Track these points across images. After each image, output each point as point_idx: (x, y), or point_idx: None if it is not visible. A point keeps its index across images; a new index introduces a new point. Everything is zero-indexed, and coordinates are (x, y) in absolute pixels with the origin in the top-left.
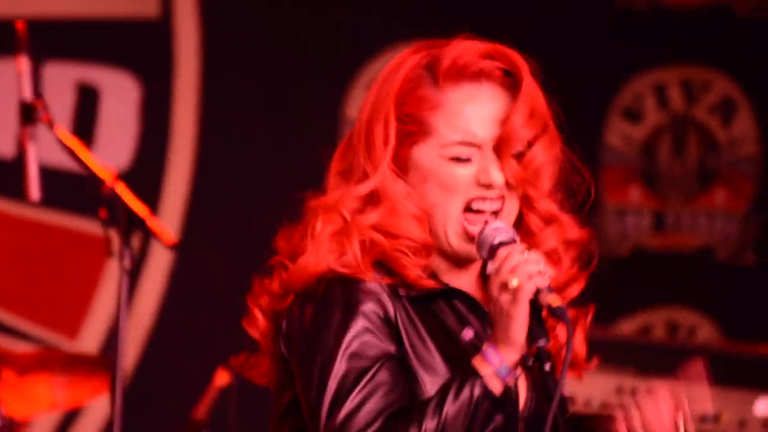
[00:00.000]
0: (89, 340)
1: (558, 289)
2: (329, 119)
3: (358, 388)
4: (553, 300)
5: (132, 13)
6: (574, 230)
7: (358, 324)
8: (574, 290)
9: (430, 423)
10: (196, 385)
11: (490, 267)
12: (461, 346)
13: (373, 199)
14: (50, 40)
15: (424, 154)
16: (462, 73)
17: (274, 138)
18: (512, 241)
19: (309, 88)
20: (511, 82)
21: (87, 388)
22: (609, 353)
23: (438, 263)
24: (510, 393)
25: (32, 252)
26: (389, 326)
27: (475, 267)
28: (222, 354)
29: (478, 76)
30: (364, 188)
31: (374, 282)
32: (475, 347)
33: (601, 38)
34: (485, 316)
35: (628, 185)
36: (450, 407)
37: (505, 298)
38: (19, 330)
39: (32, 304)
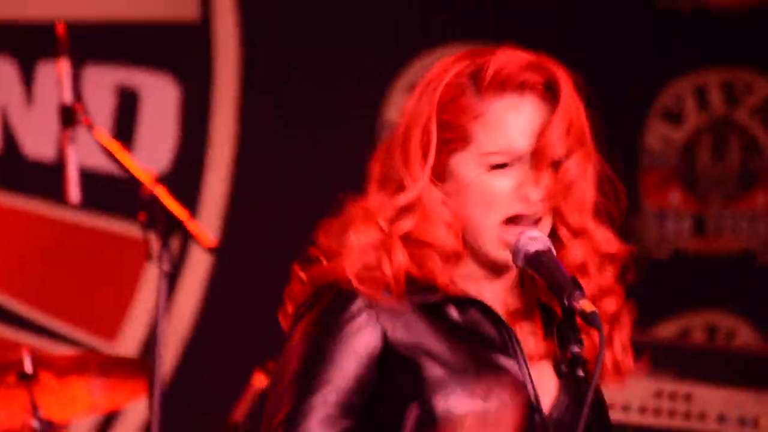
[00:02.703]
0: (128, 343)
1: (590, 300)
2: (368, 122)
3: (318, 411)
4: (586, 305)
5: (171, 16)
6: (609, 244)
7: (341, 354)
8: (610, 304)
9: None
10: (233, 388)
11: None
12: (478, 348)
13: (409, 207)
14: (90, 44)
15: (462, 163)
16: (505, 84)
17: (313, 140)
18: (548, 250)
19: (348, 91)
20: (551, 95)
21: (125, 391)
22: (647, 357)
23: (473, 270)
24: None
25: (71, 255)
26: (373, 361)
27: (511, 275)
28: (260, 357)
29: (521, 87)
30: (403, 199)
31: (387, 301)
32: None
33: (641, 39)
34: (501, 324)
35: (668, 188)
36: None
37: None
38: (58, 332)
39: (71, 307)
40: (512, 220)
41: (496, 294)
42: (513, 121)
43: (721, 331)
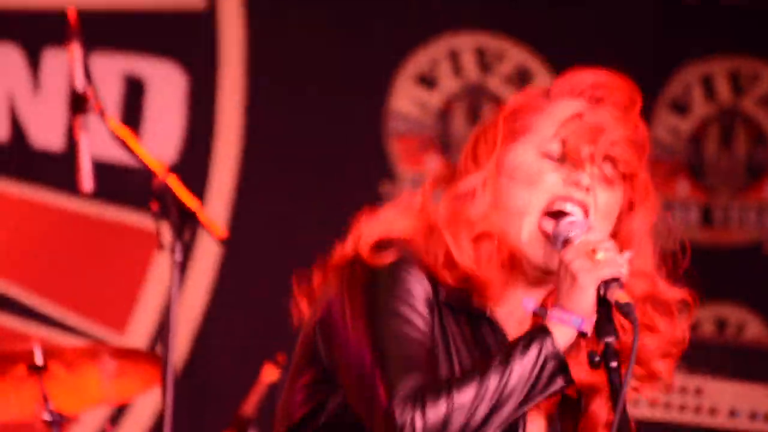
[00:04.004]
0: (137, 334)
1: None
2: (374, 110)
3: (413, 349)
4: (621, 296)
5: (177, 4)
6: (672, 292)
7: (411, 298)
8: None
9: (492, 379)
10: (244, 381)
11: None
12: (479, 357)
13: (473, 196)
14: (96, 32)
15: (521, 149)
16: (573, 91)
17: (319, 129)
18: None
19: (354, 79)
20: (618, 110)
21: (135, 383)
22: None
23: (513, 288)
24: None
25: (78, 245)
26: (431, 312)
27: (545, 289)
28: (270, 350)
29: (589, 97)
30: (468, 183)
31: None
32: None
33: (648, 29)
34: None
35: (675, 178)
36: (516, 364)
37: (580, 265)
38: (68, 324)
39: (79, 298)
40: (555, 209)
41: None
42: (575, 117)
43: (730, 323)
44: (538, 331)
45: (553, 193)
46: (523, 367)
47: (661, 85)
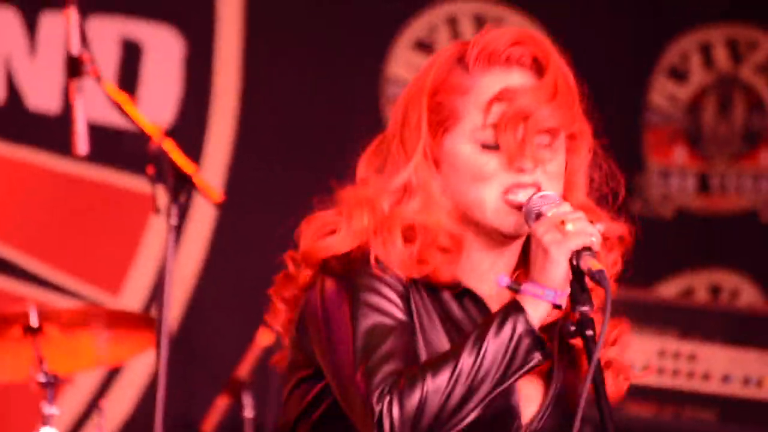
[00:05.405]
0: (131, 297)
1: None
2: (371, 77)
3: (389, 339)
4: (594, 264)
5: None
6: (613, 228)
7: (383, 290)
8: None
9: (466, 360)
10: (238, 344)
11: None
12: (465, 331)
13: (407, 192)
14: None
15: (456, 141)
16: (491, 59)
17: (316, 95)
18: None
19: (352, 46)
20: (539, 69)
21: (130, 346)
22: (651, 315)
23: (472, 262)
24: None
25: (73, 208)
26: (406, 301)
27: (514, 252)
28: (264, 312)
29: (508, 61)
30: (399, 180)
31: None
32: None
33: None
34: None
35: (673, 146)
36: (490, 343)
37: (551, 238)
38: (62, 286)
39: (76, 260)
40: (515, 187)
41: (494, 273)
42: (499, 98)
43: (724, 289)
44: (512, 308)
45: (504, 186)
46: (497, 346)
47: (660, 53)
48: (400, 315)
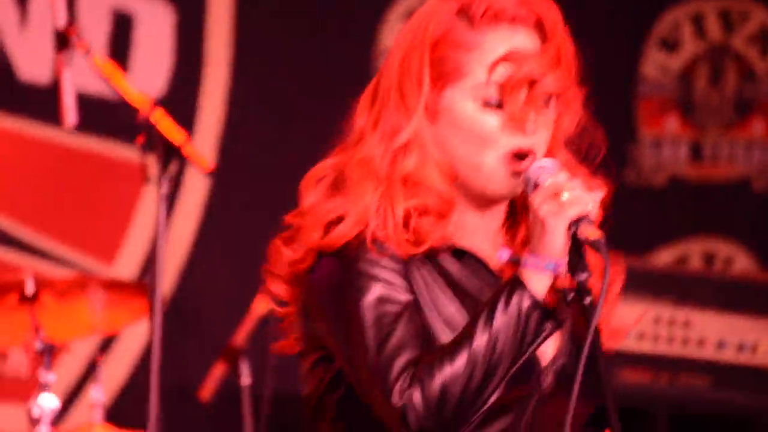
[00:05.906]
0: (125, 266)
1: None
2: (364, 48)
3: (399, 326)
4: (592, 232)
5: None
6: (592, 184)
7: (384, 274)
8: None
9: (480, 340)
10: (235, 312)
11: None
12: (474, 299)
13: (406, 148)
14: None
15: (455, 97)
16: (498, 17)
17: (308, 65)
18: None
19: (344, 17)
20: (541, 32)
21: (125, 313)
22: (645, 284)
23: (463, 220)
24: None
25: (67, 177)
26: (407, 279)
27: (499, 212)
28: (259, 280)
29: (514, 20)
30: (400, 140)
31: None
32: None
33: None
34: (488, 273)
35: (665, 115)
36: (500, 322)
37: (547, 208)
38: (57, 255)
39: (69, 230)
40: (516, 156)
41: (489, 241)
42: (506, 58)
43: (718, 257)
44: (515, 284)
45: (503, 149)
46: (507, 323)
47: (651, 23)
48: (404, 297)
